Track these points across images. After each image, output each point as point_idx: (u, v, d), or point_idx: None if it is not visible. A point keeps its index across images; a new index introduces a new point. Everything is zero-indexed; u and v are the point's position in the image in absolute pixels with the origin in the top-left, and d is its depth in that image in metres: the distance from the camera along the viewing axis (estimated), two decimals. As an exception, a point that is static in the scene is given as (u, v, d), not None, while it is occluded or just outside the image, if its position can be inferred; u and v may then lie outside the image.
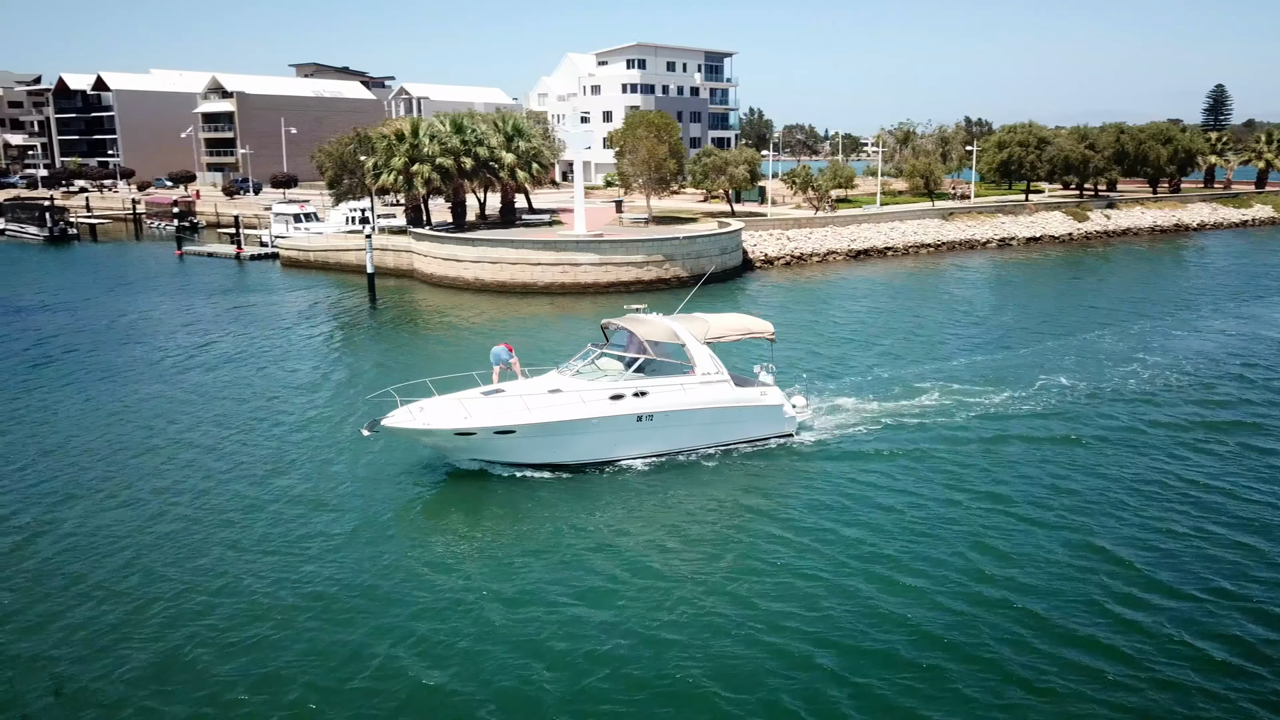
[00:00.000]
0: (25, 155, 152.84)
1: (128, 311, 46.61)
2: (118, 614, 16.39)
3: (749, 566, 18.16)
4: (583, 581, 17.60)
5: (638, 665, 14.88)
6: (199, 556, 18.55)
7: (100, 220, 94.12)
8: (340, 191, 66.22)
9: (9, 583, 17.51)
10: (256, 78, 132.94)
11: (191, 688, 14.30)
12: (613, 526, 19.99)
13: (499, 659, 15.00)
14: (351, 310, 46.90)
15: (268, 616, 16.28)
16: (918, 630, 15.87)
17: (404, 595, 17.03)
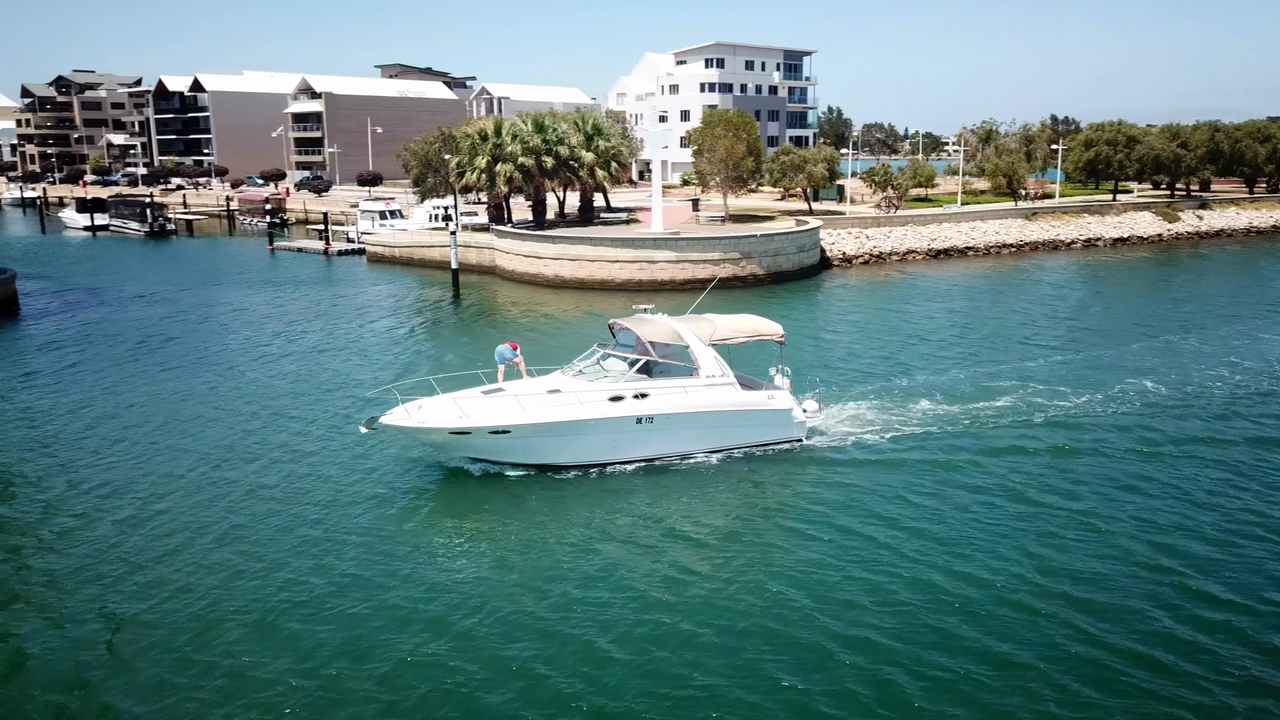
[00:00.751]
0: (127, 154, 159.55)
1: (223, 302, 48.70)
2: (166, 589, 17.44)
3: (728, 573, 17.62)
4: (559, 585, 17.22)
5: (619, 667, 14.66)
6: (275, 536, 19.57)
7: (196, 216, 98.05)
8: (425, 190, 67.99)
9: (84, 545, 18.74)
10: (344, 79, 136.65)
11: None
12: (599, 528, 19.59)
13: (487, 663, 14.82)
14: (436, 304, 48.23)
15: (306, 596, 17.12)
16: (898, 647, 15.16)
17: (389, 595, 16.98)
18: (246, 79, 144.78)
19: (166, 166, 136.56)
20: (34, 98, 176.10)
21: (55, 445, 25.33)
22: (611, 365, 23.48)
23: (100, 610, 16.43)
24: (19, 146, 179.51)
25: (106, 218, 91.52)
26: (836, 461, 23.47)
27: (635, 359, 23.33)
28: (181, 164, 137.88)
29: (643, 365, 23.29)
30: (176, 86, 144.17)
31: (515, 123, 59.21)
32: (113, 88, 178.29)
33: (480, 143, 58.07)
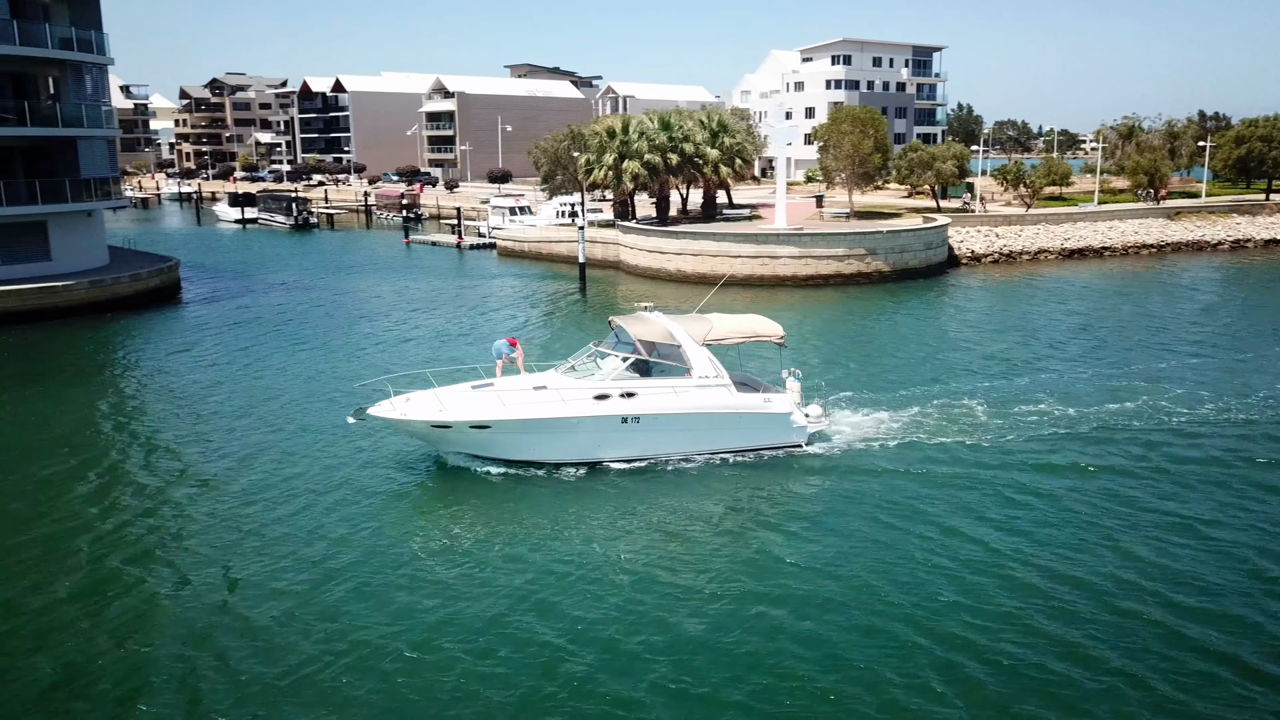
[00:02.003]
0: (273, 152, 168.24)
1: (362, 290, 51.25)
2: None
3: (701, 579, 17.06)
4: (510, 580, 17.02)
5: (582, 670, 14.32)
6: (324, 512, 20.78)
7: (336, 210, 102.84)
8: (553, 187, 69.80)
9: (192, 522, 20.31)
10: (475, 78, 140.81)
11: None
12: (567, 527, 19.31)
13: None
14: (563, 296, 49.66)
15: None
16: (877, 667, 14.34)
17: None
18: (384, 79, 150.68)
19: (309, 163, 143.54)
20: (190, 99, 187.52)
21: (200, 416, 27.36)
22: (608, 364, 23.06)
23: (222, 570, 17.65)
24: (176, 145, 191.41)
25: (255, 211, 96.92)
26: (831, 470, 22.39)
27: (628, 358, 22.94)
28: (323, 161, 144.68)
29: (636, 364, 22.88)
30: (319, 87, 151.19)
31: (642, 120, 60.22)
32: (261, 89, 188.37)
33: (608, 140, 59.30)
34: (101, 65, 48.21)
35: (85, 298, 43.21)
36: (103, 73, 49.05)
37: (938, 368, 32.53)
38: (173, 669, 14.37)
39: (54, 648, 14.88)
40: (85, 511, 20.29)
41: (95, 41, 46.55)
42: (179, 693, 13.82)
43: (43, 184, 43.87)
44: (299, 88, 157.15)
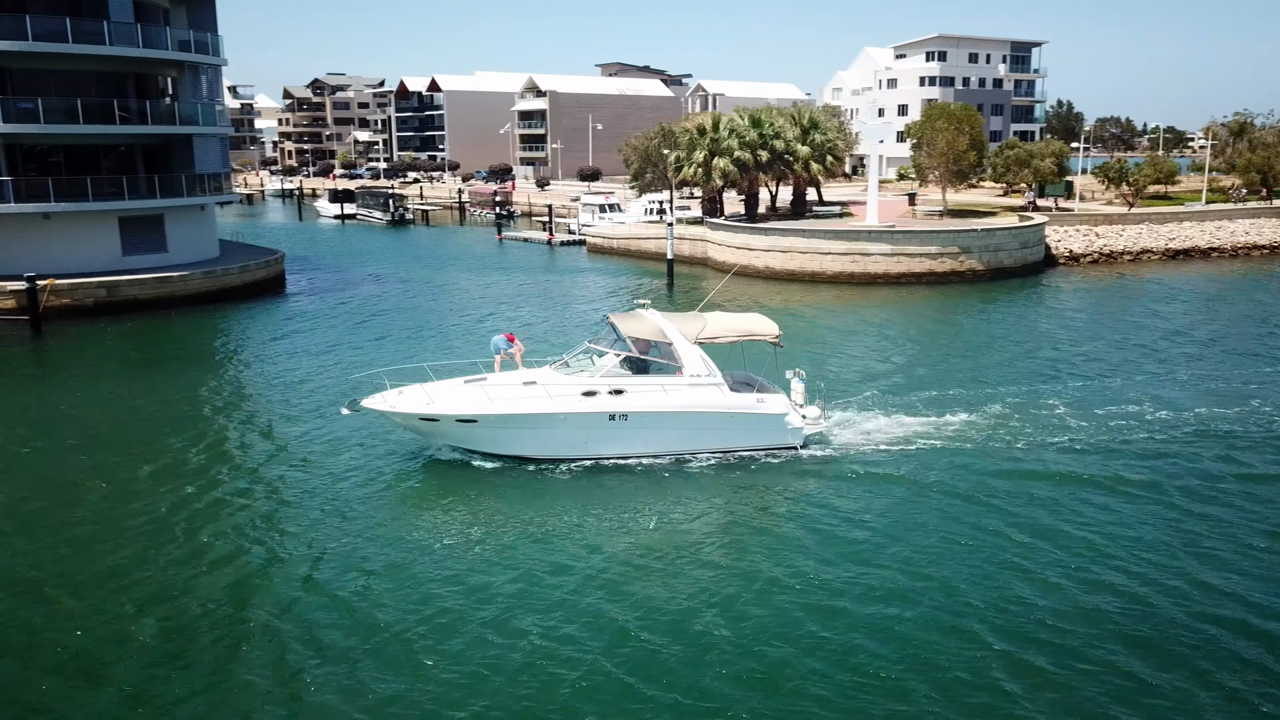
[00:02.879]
0: (370, 150, 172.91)
1: (457, 283, 52.58)
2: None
3: (654, 584, 16.86)
4: (478, 577, 17.07)
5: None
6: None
7: (431, 207, 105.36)
8: (643, 184, 70.40)
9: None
10: (567, 77, 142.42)
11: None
12: (541, 523, 19.37)
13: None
14: (651, 292, 50.10)
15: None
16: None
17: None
18: (478, 79, 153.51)
19: (405, 161, 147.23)
20: (293, 99, 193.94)
21: (297, 401, 28.54)
22: (601, 361, 22.88)
23: (308, 545, 18.57)
24: (279, 143, 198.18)
25: (354, 207, 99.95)
26: (820, 474, 21.86)
27: (620, 355, 22.80)
28: (418, 159, 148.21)
29: (632, 362, 22.75)
30: (415, 87, 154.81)
31: (733, 118, 60.36)
32: (360, 89, 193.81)
33: (698, 137, 59.59)
34: (216, 66, 50.46)
35: (199, 288, 45.36)
36: (217, 73, 51.33)
37: (986, 371, 31.67)
38: (262, 634, 15.25)
39: (156, 611, 15.89)
40: (188, 488, 21.43)
41: (210, 43, 48.79)
42: (267, 652, 14.71)
43: (161, 179, 46.17)
44: (396, 87, 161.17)
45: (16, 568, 17.59)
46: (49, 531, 19.16)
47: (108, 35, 42.89)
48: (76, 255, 44.11)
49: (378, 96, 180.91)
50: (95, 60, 43.63)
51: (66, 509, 20.25)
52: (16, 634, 15.28)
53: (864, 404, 26.89)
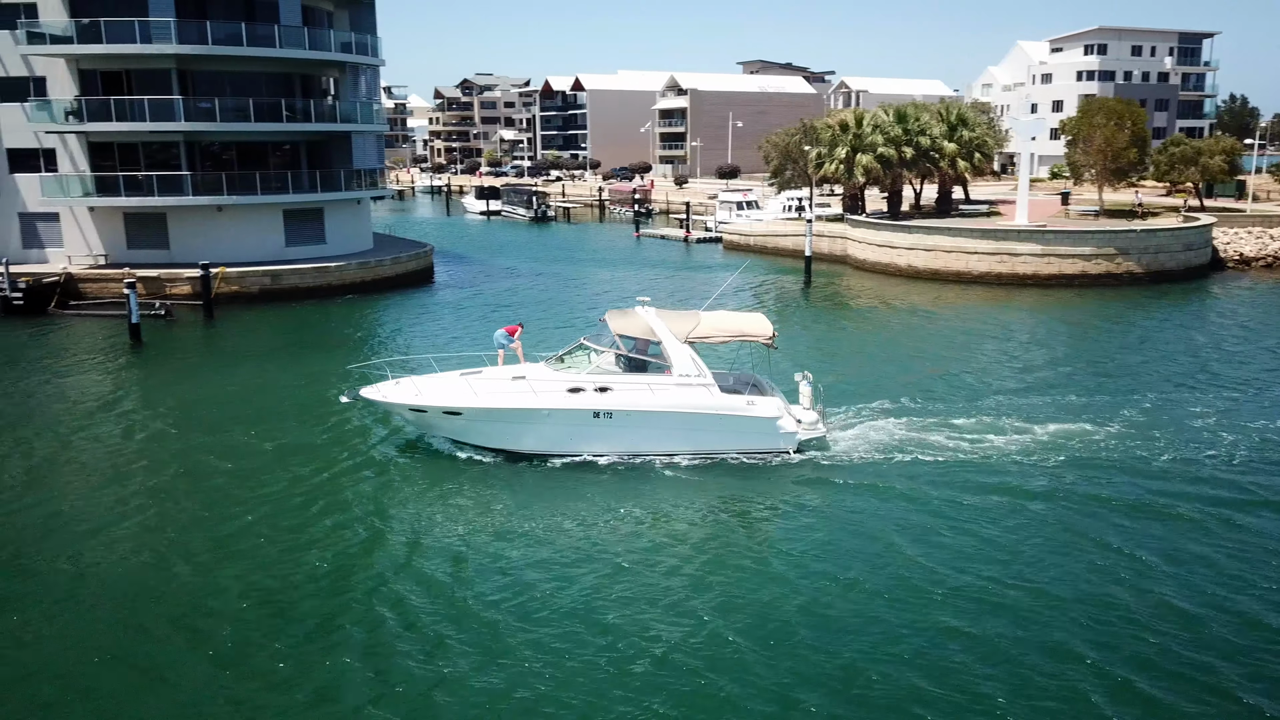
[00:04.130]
0: (515, 148, 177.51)
1: (595, 278, 53.50)
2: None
3: (645, 585, 16.59)
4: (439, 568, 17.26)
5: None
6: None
7: (572, 204, 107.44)
8: (782, 181, 69.93)
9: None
10: (708, 75, 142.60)
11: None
12: (508, 517, 19.42)
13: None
14: (787, 290, 49.82)
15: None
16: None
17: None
18: (620, 78, 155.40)
19: (548, 160, 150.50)
20: (443, 99, 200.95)
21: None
22: (594, 358, 22.71)
23: (409, 526, 19.24)
24: (429, 141, 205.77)
25: (499, 204, 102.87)
26: (809, 480, 21.15)
27: (618, 353, 22.58)
28: (560, 157, 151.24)
29: (626, 360, 22.49)
30: (559, 86, 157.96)
31: (877, 114, 59.30)
32: (506, 89, 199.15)
33: (840, 134, 58.79)
34: (374, 67, 52.90)
35: (354, 277, 47.68)
36: (375, 73, 53.80)
37: (1101, 380, 29.81)
38: (361, 607, 15.93)
39: (263, 582, 16.78)
40: (308, 469, 22.35)
41: (370, 45, 51.19)
42: (362, 624, 15.32)
43: (322, 174, 48.73)
44: (541, 87, 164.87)
45: (144, 535, 18.87)
46: (190, 499, 20.64)
47: (278, 39, 45.55)
48: (244, 245, 47.05)
49: (523, 96, 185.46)
50: (266, 62, 46.39)
51: (200, 479, 21.76)
52: (131, 594, 16.42)
53: (910, 410, 25.78)
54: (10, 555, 17.87)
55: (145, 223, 47.15)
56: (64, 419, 26.77)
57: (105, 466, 22.84)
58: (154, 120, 44.05)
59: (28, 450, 24.03)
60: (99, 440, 24.88)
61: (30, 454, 23.76)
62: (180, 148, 45.73)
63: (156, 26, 43.18)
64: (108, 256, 47.10)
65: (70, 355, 35.00)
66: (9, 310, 41.88)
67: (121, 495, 20.88)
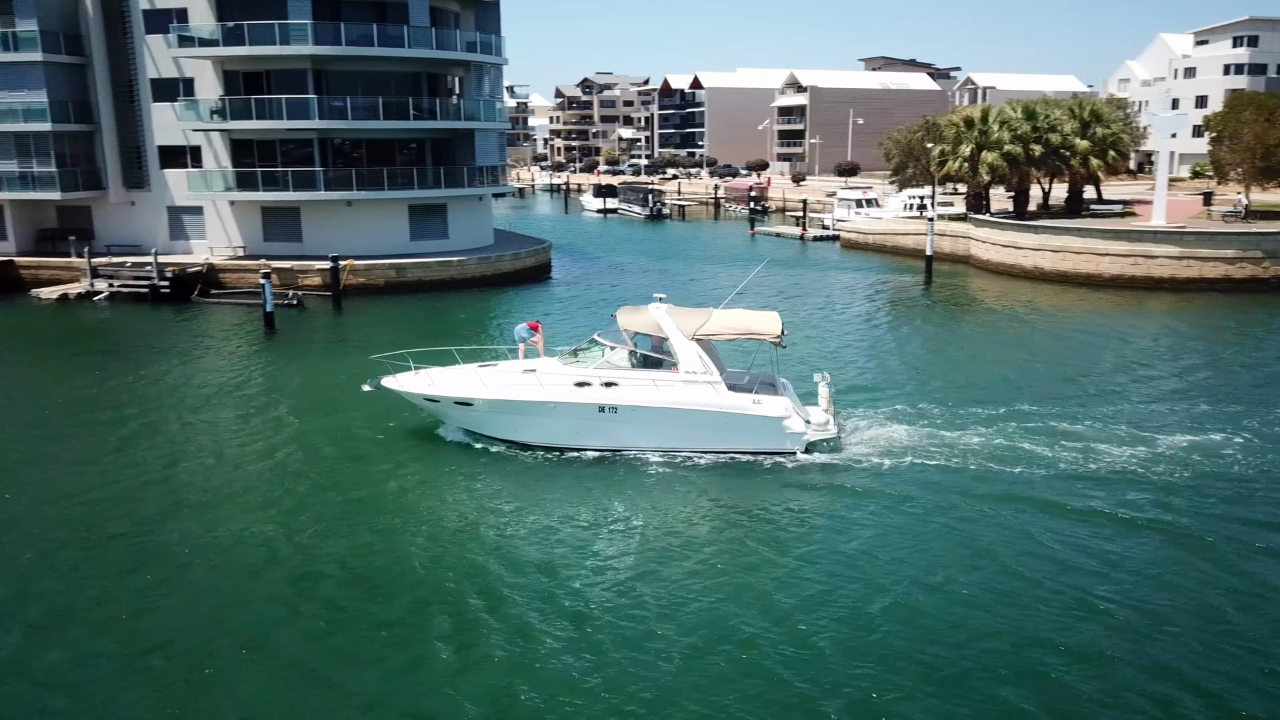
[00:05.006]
0: (633, 146, 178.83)
1: (707, 276, 53.45)
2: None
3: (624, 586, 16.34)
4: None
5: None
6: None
7: (687, 202, 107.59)
8: (903, 179, 68.47)
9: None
10: (828, 72, 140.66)
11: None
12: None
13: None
14: (906, 290, 48.77)
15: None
16: None
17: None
18: (739, 76, 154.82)
19: (664, 158, 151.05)
20: (564, 98, 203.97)
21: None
22: (608, 354, 22.72)
23: (502, 514, 19.50)
24: (549, 140, 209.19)
25: (615, 202, 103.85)
26: (811, 484, 20.61)
27: (626, 349, 22.59)
28: (677, 155, 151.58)
29: (641, 357, 22.53)
30: (678, 84, 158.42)
31: (1004, 109, 57.43)
32: (625, 87, 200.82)
33: (965, 130, 57.15)
34: (498, 66, 54.11)
35: (475, 272, 48.90)
36: (498, 72, 55.03)
37: (1187, 388, 28.08)
38: (449, 589, 16.31)
39: (357, 562, 17.37)
40: (411, 454, 23.02)
41: (494, 44, 52.39)
42: (448, 605, 15.73)
43: (446, 171, 50.14)
44: (660, 85, 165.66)
45: (253, 512, 19.69)
46: (293, 479, 21.59)
47: (407, 39, 47.07)
48: (372, 239, 48.82)
49: (642, 95, 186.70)
50: (395, 62, 48.01)
51: (312, 461, 22.71)
52: (238, 568, 17.22)
53: (1019, 415, 24.75)
54: (134, 526, 18.98)
55: (280, 216, 49.44)
56: (197, 398, 28.42)
57: (229, 445, 24.08)
58: (290, 119, 46.14)
59: (160, 426, 25.57)
60: (225, 420, 26.29)
61: (160, 430, 25.25)
62: (314, 145, 47.77)
63: (295, 29, 45.21)
64: (245, 248, 49.59)
65: (209, 340, 37.04)
66: (157, 297, 44.58)
67: (238, 473, 21.97)
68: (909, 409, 25.58)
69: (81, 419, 26.36)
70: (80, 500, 20.28)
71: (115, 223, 51.31)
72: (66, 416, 26.61)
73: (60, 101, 48.23)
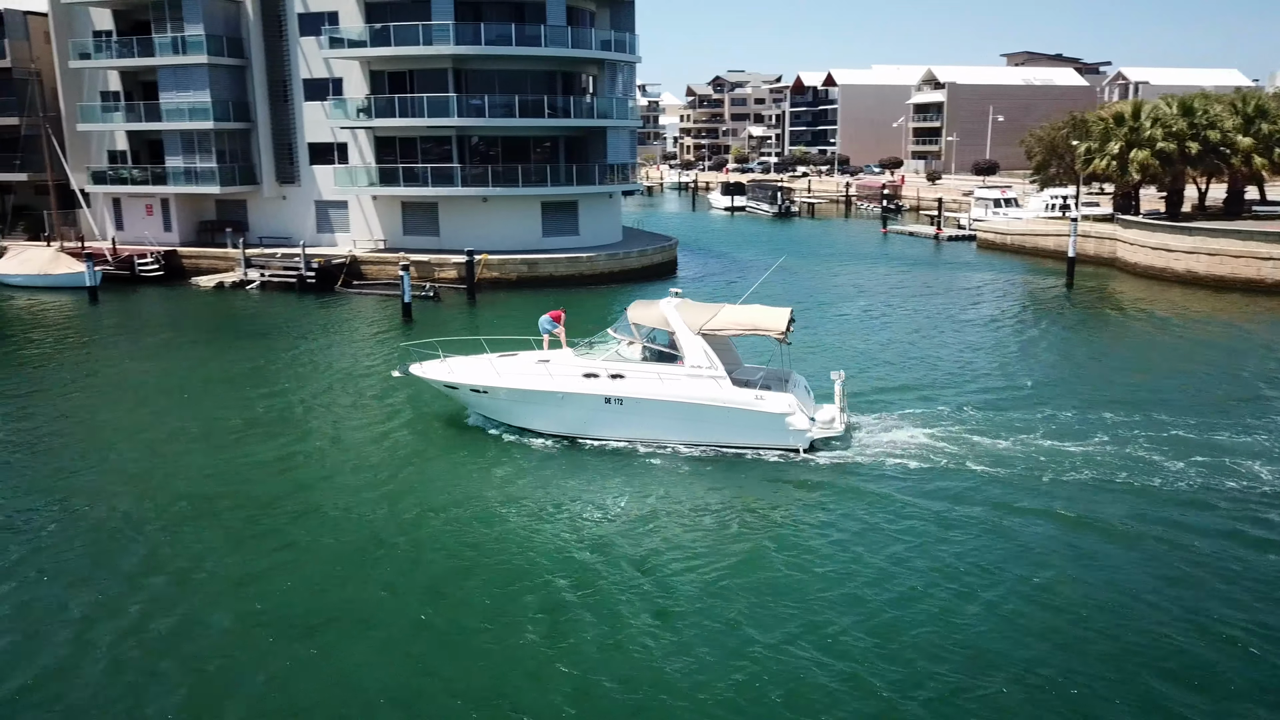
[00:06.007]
0: (763, 144, 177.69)
1: (837, 275, 52.67)
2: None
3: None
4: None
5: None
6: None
7: (817, 200, 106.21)
8: (1045, 178, 65.88)
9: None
10: (967, 68, 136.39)
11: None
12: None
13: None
14: (1046, 292, 46.92)
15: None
16: None
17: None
18: (874, 73, 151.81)
19: (795, 155, 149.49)
20: (695, 96, 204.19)
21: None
22: (621, 348, 23.11)
23: (593, 514, 19.55)
24: (679, 139, 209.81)
25: (744, 200, 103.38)
26: (809, 482, 20.59)
27: (641, 343, 22.94)
28: (808, 153, 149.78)
29: (646, 349, 22.87)
30: (811, 82, 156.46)
31: (1158, 105, 54.55)
32: (757, 85, 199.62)
33: (1114, 127, 54.57)
34: (631, 64, 54.63)
35: (603, 268, 49.57)
36: (631, 70, 55.56)
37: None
38: (535, 578, 16.57)
39: (458, 545, 17.87)
40: (502, 448, 23.49)
41: (628, 43, 52.91)
42: (540, 593, 15.99)
43: (578, 168, 50.96)
44: (792, 83, 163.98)
45: (358, 492, 20.50)
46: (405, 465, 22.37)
47: (544, 38, 48.05)
48: (505, 235, 50.07)
49: (773, 92, 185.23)
50: (532, 60, 49.07)
51: (433, 446, 23.53)
52: (345, 549, 17.89)
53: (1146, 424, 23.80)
54: (251, 500, 20.11)
55: (419, 211, 51.25)
56: (335, 381, 29.94)
57: (357, 429, 25.23)
58: (431, 116, 47.75)
59: (290, 408, 27.02)
60: (358, 402, 27.62)
61: (290, 410, 26.72)
62: (452, 142, 49.32)
63: (438, 29, 46.77)
64: (386, 241, 51.61)
65: (349, 328, 38.79)
66: (304, 287, 46.90)
67: (363, 454, 23.05)
68: (1025, 415, 24.88)
69: (226, 397, 28.16)
70: (210, 473, 21.68)
71: (267, 216, 54.20)
72: (212, 394, 28.49)
73: (222, 101, 51.24)
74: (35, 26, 56.20)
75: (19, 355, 34.17)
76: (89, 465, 22.51)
